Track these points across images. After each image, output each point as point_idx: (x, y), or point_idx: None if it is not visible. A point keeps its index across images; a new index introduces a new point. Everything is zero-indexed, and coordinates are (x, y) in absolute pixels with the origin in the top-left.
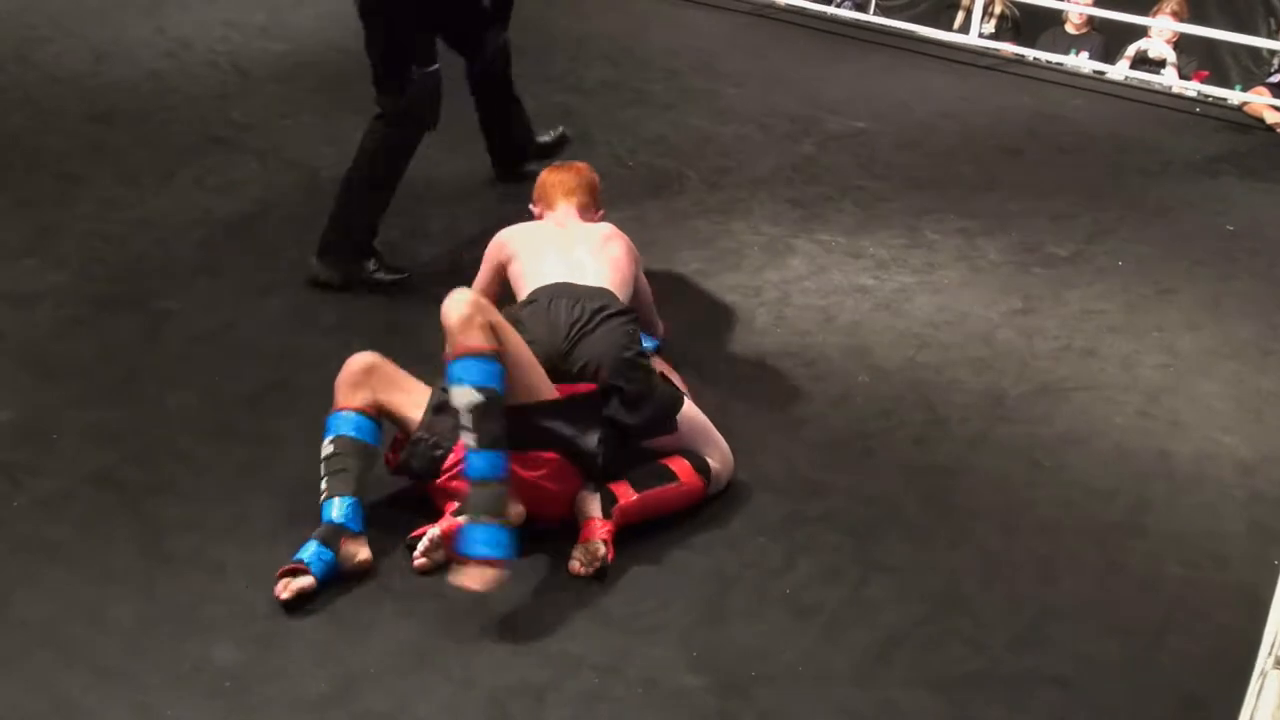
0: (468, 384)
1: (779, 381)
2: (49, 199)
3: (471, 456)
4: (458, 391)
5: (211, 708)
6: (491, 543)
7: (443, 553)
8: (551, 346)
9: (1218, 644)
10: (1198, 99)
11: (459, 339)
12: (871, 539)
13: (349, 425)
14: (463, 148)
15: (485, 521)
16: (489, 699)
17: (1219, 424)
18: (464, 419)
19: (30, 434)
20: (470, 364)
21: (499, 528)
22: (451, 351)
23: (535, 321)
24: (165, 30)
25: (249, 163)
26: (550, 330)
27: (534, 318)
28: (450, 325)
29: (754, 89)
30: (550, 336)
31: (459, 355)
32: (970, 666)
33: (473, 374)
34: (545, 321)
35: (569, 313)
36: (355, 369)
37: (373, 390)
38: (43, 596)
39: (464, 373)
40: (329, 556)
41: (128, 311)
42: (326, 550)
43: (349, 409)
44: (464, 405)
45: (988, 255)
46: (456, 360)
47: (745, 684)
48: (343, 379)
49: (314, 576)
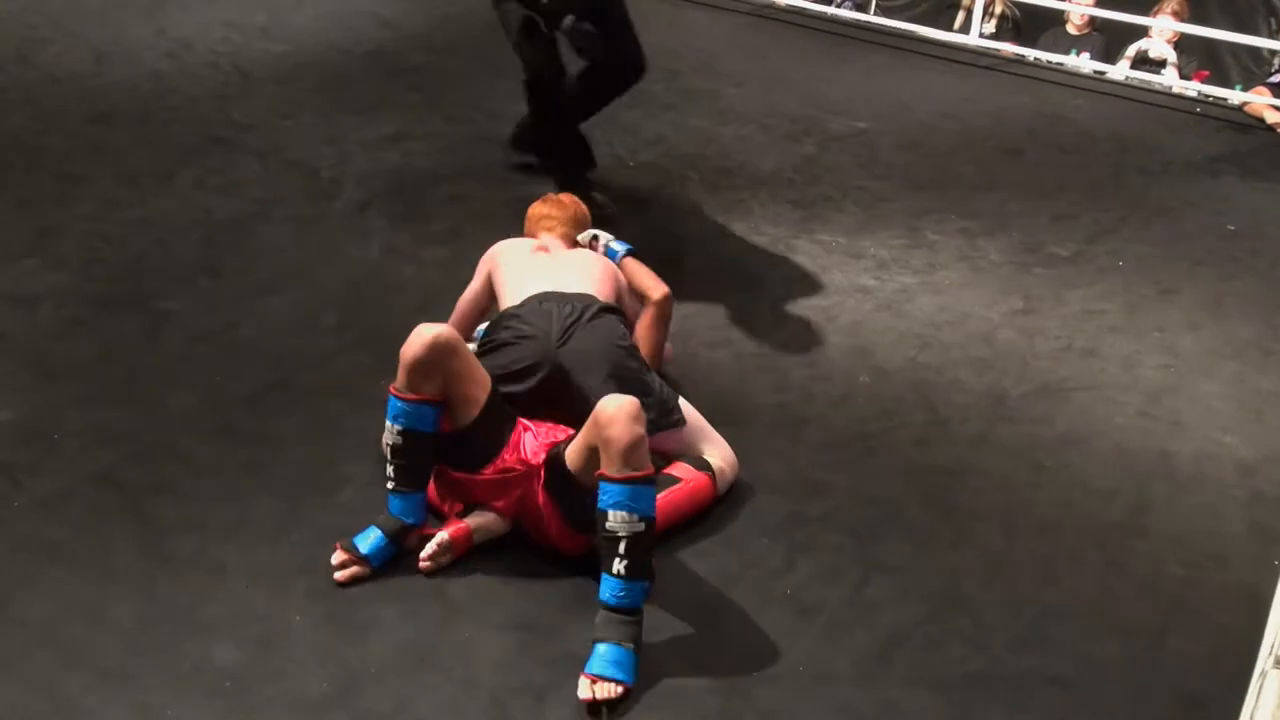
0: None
1: (780, 382)
2: (50, 199)
3: (620, 584)
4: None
5: (212, 708)
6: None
7: (449, 557)
8: (546, 339)
9: (1218, 644)
10: (1198, 99)
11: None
12: (872, 539)
13: (421, 419)
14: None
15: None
16: (490, 699)
17: (1220, 424)
18: (619, 547)
19: (31, 434)
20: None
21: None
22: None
23: (530, 316)
24: (166, 31)
25: (250, 163)
26: (544, 322)
27: (528, 313)
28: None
29: (755, 89)
30: (545, 328)
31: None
32: (971, 667)
33: (625, 499)
34: (539, 315)
35: (560, 309)
36: (433, 351)
37: (444, 379)
38: (43, 596)
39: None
40: (391, 554)
41: (128, 312)
42: (391, 546)
43: (420, 400)
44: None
45: (989, 255)
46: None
47: (746, 684)
48: (417, 359)
49: (372, 568)
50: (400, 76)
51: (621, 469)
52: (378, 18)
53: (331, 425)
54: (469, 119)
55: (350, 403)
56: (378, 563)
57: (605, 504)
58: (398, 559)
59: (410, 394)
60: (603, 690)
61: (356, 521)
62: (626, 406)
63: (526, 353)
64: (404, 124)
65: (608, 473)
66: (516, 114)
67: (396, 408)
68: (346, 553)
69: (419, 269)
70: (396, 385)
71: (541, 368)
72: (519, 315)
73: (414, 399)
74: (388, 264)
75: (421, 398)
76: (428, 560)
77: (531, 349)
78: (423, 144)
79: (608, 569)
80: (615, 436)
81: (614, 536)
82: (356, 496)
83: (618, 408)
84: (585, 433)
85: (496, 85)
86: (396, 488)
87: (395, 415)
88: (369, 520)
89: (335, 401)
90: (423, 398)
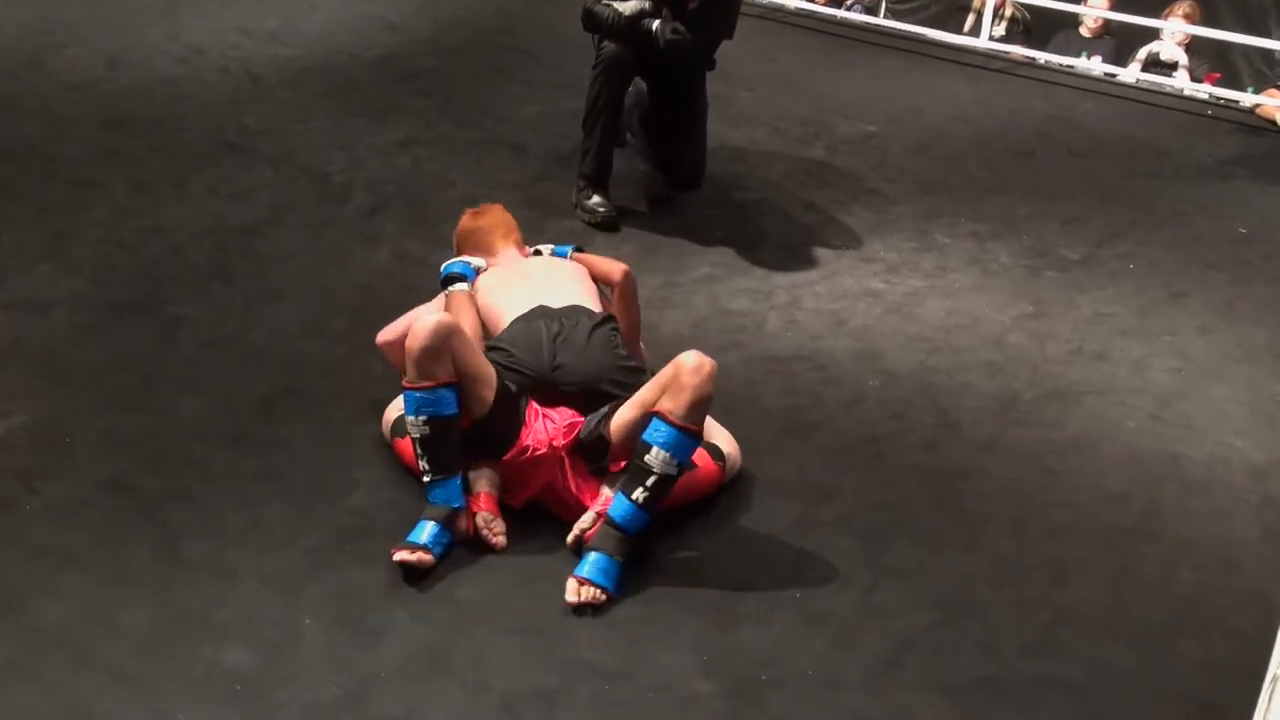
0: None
1: (790, 385)
2: (64, 205)
3: (633, 509)
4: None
5: (224, 712)
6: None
7: (501, 524)
8: (540, 365)
9: (1230, 649)
10: (1210, 102)
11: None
12: (882, 543)
13: (442, 403)
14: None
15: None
16: (500, 704)
17: (1231, 428)
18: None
19: (45, 439)
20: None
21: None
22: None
23: (517, 345)
24: (178, 37)
25: (262, 169)
26: (534, 349)
27: (516, 341)
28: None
29: (765, 93)
30: (535, 356)
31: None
32: (982, 672)
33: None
34: (526, 341)
35: (549, 328)
36: (437, 336)
37: (453, 360)
38: (57, 601)
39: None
40: (448, 539)
41: (141, 317)
42: (445, 533)
43: (436, 385)
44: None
45: (999, 259)
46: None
47: (756, 689)
48: (421, 346)
49: (434, 558)
50: (409, 81)
51: (683, 416)
52: (386, 22)
53: (342, 430)
54: (478, 123)
55: (361, 408)
56: (438, 550)
57: (655, 440)
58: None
59: (425, 381)
60: (587, 593)
61: (368, 525)
62: (709, 367)
63: (524, 380)
64: (413, 128)
65: (668, 413)
66: (523, 117)
67: (416, 400)
68: (410, 550)
69: (429, 273)
70: (409, 380)
71: (538, 388)
72: (505, 343)
73: (430, 385)
74: (398, 269)
75: (437, 382)
76: (500, 536)
77: (527, 376)
78: (432, 149)
79: (627, 492)
80: (693, 386)
81: (648, 470)
82: (367, 501)
83: (703, 362)
84: (654, 383)
85: (505, 89)
86: (434, 478)
87: (417, 408)
88: (377, 526)
89: (346, 406)
90: (438, 382)
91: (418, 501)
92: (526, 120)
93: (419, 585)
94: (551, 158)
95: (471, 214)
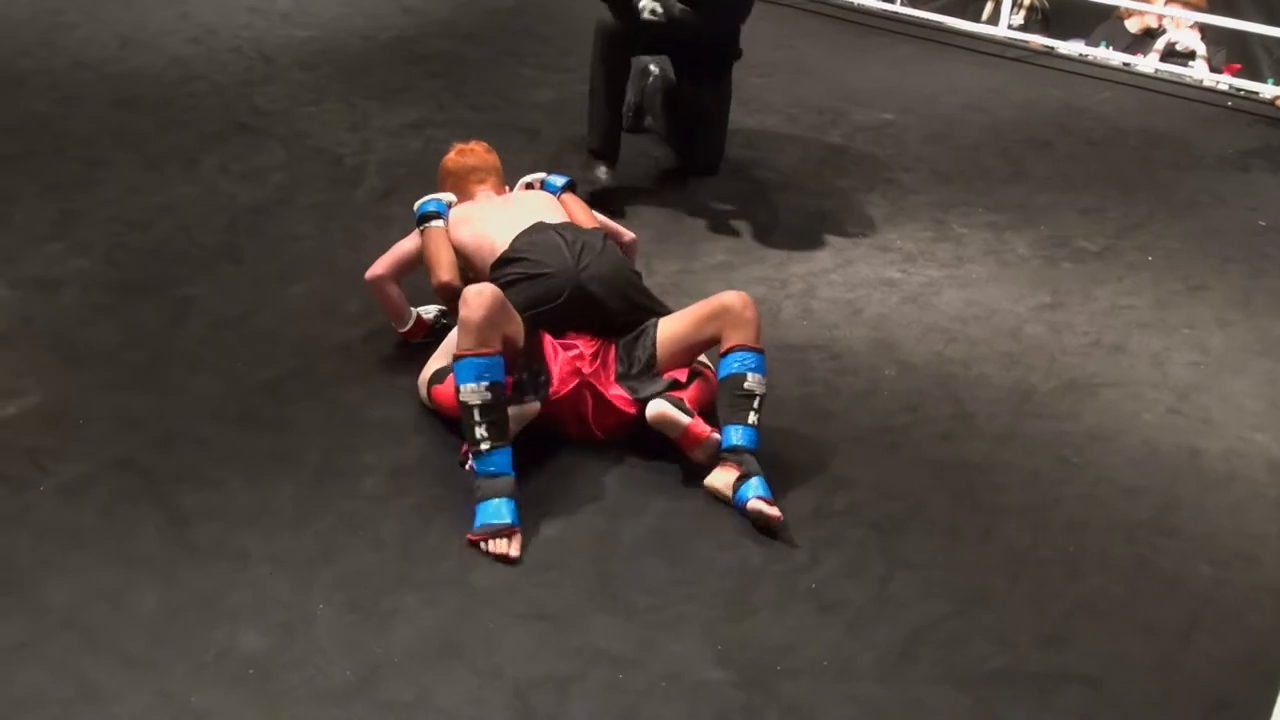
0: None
1: (805, 374)
2: (74, 184)
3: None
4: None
5: (234, 695)
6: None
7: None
8: (566, 265)
9: (1247, 645)
10: (1229, 93)
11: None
12: (897, 534)
13: (499, 370)
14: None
15: None
16: (512, 690)
17: (1250, 422)
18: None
19: (55, 419)
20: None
21: None
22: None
23: (536, 250)
24: (190, 16)
25: (273, 149)
26: (556, 252)
27: (534, 249)
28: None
29: (781, 80)
30: (560, 256)
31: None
32: (996, 664)
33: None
34: (545, 246)
35: (565, 236)
36: (494, 306)
37: (504, 326)
38: (66, 582)
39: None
40: (513, 505)
41: (151, 297)
42: (512, 502)
43: (496, 353)
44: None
45: (1016, 249)
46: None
47: (769, 679)
48: (483, 315)
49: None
50: (422, 63)
51: (756, 341)
52: (399, 3)
53: (353, 413)
54: (491, 106)
55: (372, 391)
56: (518, 522)
57: (746, 368)
58: (403, 546)
59: (485, 349)
60: (773, 510)
61: (380, 509)
62: (749, 300)
63: (553, 283)
64: (426, 110)
65: (746, 343)
66: (537, 100)
67: (478, 366)
68: (496, 535)
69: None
70: (466, 348)
71: (566, 291)
72: (524, 252)
73: (490, 352)
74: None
75: (495, 350)
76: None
77: (556, 279)
78: (445, 131)
79: (742, 420)
80: (751, 318)
81: (750, 394)
82: (378, 485)
83: (745, 298)
84: (697, 322)
85: (519, 72)
86: (494, 445)
87: (479, 375)
88: (389, 510)
89: (357, 389)
90: (496, 350)
91: (430, 485)
92: (540, 104)
93: (431, 570)
94: (565, 141)
95: (455, 153)
